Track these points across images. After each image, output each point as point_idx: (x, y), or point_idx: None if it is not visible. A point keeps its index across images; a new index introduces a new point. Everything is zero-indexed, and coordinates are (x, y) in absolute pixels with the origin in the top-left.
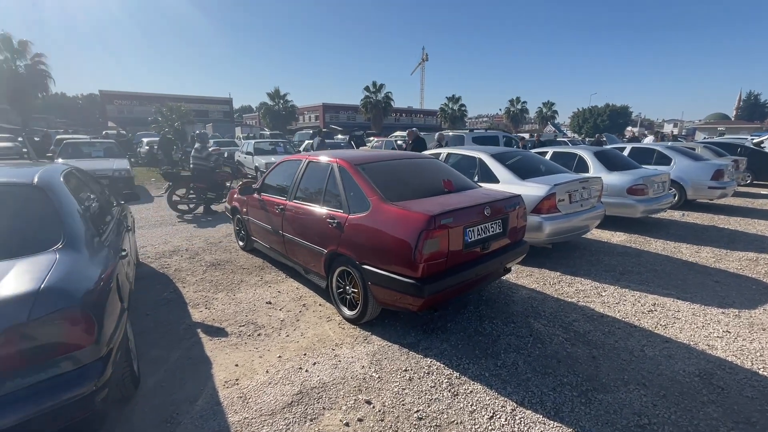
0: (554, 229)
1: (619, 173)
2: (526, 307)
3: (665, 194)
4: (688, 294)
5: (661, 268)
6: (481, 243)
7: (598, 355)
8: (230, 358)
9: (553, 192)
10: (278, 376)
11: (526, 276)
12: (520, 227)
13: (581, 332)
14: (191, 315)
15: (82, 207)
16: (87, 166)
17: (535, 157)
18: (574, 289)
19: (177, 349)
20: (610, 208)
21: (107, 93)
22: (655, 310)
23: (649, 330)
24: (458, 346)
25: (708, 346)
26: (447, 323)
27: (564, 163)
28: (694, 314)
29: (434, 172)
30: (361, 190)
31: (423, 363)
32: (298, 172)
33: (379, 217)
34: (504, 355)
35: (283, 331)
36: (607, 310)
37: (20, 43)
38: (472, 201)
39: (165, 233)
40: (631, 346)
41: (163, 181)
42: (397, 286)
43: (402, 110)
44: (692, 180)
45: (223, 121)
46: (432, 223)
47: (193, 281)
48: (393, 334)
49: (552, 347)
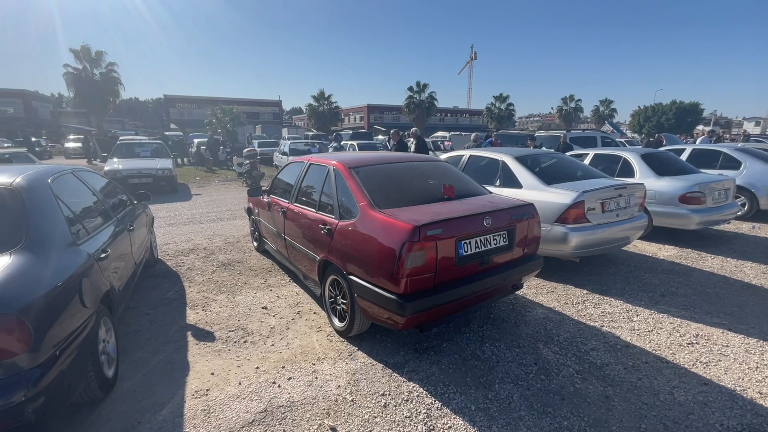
0: (582, 241)
1: (671, 179)
2: (537, 329)
3: (729, 203)
4: (743, 325)
5: (714, 290)
6: (479, 257)
7: (613, 395)
8: (209, 365)
9: (581, 200)
10: (249, 389)
11: (546, 293)
12: (531, 240)
13: (598, 364)
14: (187, 316)
15: (67, 209)
16: (134, 165)
17: (568, 161)
18: (600, 312)
19: (162, 352)
20: (659, 218)
21: (170, 97)
22: (697, 342)
23: (684, 368)
24: (449, 370)
25: (760, 394)
26: (443, 343)
27: (606, 167)
28: (747, 351)
29: (438, 177)
30: (351, 195)
31: (404, 388)
32: (300, 175)
33: (365, 224)
34: (499, 385)
35: (269, 340)
36: (636, 339)
37: (96, 53)
38: (470, 210)
39: (190, 231)
40: (658, 387)
41: (205, 180)
42: (380, 301)
43: (447, 110)
44: (766, 187)
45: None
46: (416, 234)
47: (199, 281)
48: (381, 352)
49: (558, 381)
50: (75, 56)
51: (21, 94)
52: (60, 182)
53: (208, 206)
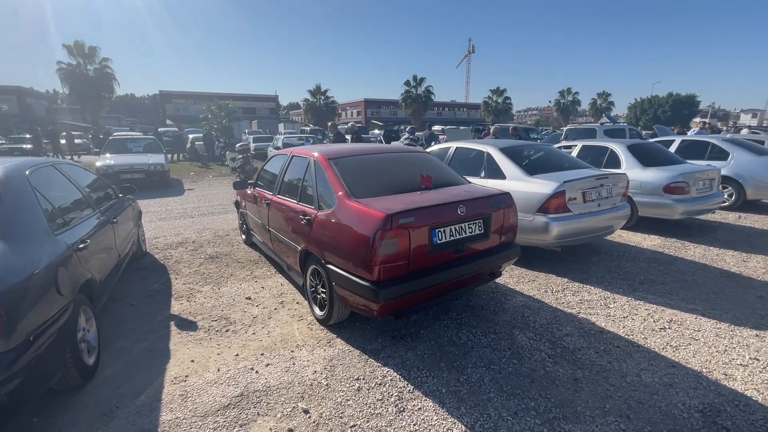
0: (563, 230)
1: (656, 169)
2: (515, 316)
3: (714, 193)
4: (717, 310)
5: (692, 278)
6: (454, 245)
7: (582, 378)
8: (190, 353)
9: (561, 189)
10: (227, 375)
11: (528, 281)
12: (507, 228)
13: (570, 349)
14: (171, 307)
15: (45, 201)
16: (126, 161)
17: (554, 152)
18: (578, 299)
19: (144, 341)
20: (644, 208)
21: (166, 93)
22: (670, 327)
23: (654, 351)
24: (424, 356)
25: (725, 375)
26: (420, 330)
27: (594, 158)
28: (717, 335)
29: (417, 167)
30: (329, 186)
31: (378, 372)
32: (283, 167)
33: (341, 214)
34: (471, 369)
35: (251, 329)
36: (610, 324)
37: (90, 49)
38: (444, 199)
39: (181, 225)
40: (626, 370)
41: (199, 175)
42: (356, 289)
43: (444, 104)
44: (753, 177)
45: (269, 117)
46: (388, 222)
47: (186, 273)
48: (359, 339)
49: (529, 364)
50: (68, 52)
51: (15, 91)
52: (39, 174)
53: (199, 201)
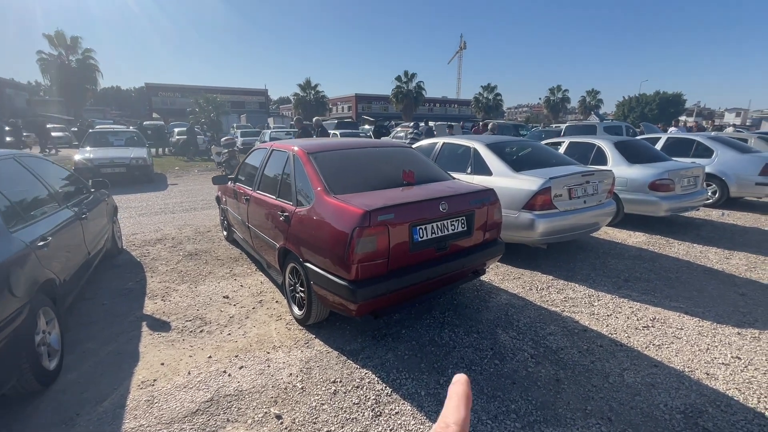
0: (548, 227)
1: (642, 166)
2: (499, 315)
3: (698, 191)
4: (700, 308)
5: (676, 275)
6: (435, 242)
7: (564, 378)
8: (160, 355)
9: (547, 186)
10: (197, 379)
11: (512, 279)
12: (491, 225)
13: (553, 348)
14: (144, 307)
15: (1, 196)
16: (107, 154)
17: (541, 148)
18: (563, 297)
19: (113, 342)
20: (629, 205)
21: (152, 85)
22: (653, 326)
23: (637, 350)
24: (404, 357)
25: (707, 374)
26: (402, 329)
27: (581, 155)
28: (700, 333)
29: (400, 163)
30: (308, 181)
31: (356, 375)
32: (263, 162)
33: (320, 210)
34: (452, 370)
35: (227, 329)
36: (594, 323)
37: (72, 39)
38: (426, 195)
39: (161, 221)
40: (609, 370)
41: (184, 170)
42: (334, 288)
43: (435, 100)
44: (737, 175)
45: (258, 111)
46: (366, 219)
47: (163, 271)
48: (338, 339)
49: (511, 365)
50: (49, 42)
51: None
52: None
53: (182, 196)
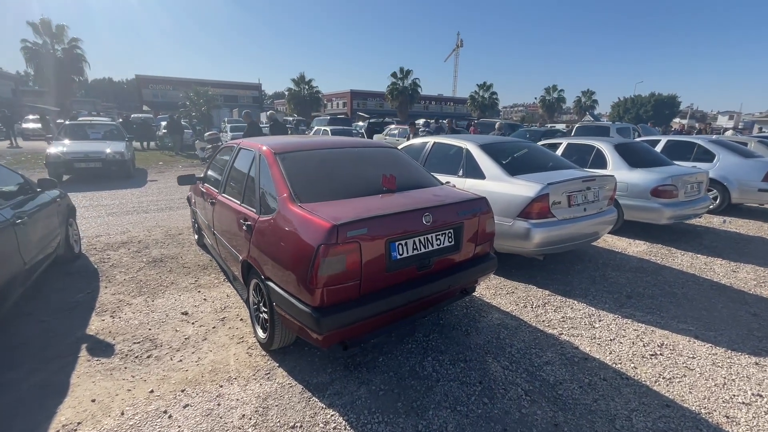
0: (545, 238)
1: (644, 171)
2: (489, 339)
3: (701, 197)
4: (711, 332)
5: (682, 291)
6: (417, 260)
7: (563, 423)
8: (93, 389)
9: (545, 192)
10: (130, 423)
11: (506, 294)
12: (483, 238)
13: (551, 382)
14: (89, 325)
15: None
16: (81, 148)
17: (539, 150)
18: (561, 316)
19: (41, 371)
20: (630, 212)
21: (143, 77)
22: (662, 353)
23: (646, 385)
24: (379, 392)
25: (726, 418)
26: (379, 357)
27: (579, 158)
28: (714, 363)
29: (381, 166)
30: (273, 185)
31: (320, 417)
32: (230, 161)
33: (283, 221)
34: (434, 412)
35: (179, 354)
36: (596, 350)
37: (58, 28)
38: (408, 205)
39: (130, 221)
40: (615, 411)
41: (168, 165)
42: (296, 314)
43: (431, 98)
44: (739, 180)
45: (252, 106)
46: (333, 235)
47: (120, 280)
48: (305, 369)
49: (503, 404)
50: (33, 30)
51: None
52: None
53: (160, 194)
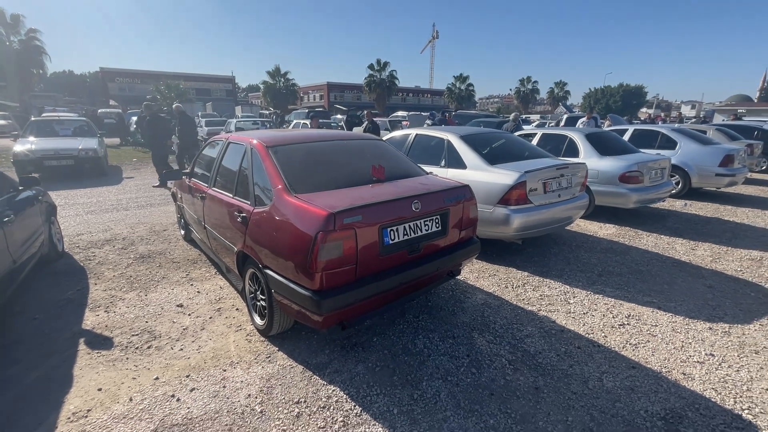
0: (523, 222)
1: (612, 158)
2: (475, 317)
3: (664, 182)
4: (672, 303)
5: (647, 268)
6: (408, 245)
7: (543, 386)
8: (98, 379)
9: (522, 180)
10: (140, 407)
11: (488, 276)
12: (467, 223)
13: (531, 353)
14: (84, 320)
15: None
16: (51, 145)
17: (516, 140)
18: (539, 295)
19: (42, 366)
20: (600, 197)
21: (108, 70)
22: (629, 323)
23: (615, 351)
24: (375, 368)
25: (683, 374)
26: (373, 337)
27: (553, 147)
28: (674, 330)
29: (369, 157)
30: (267, 178)
31: (323, 392)
32: (219, 156)
33: (279, 211)
34: (427, 383)
35: (179, 344)
36: (571, 322)
37: (13, 17)
38: (397, 193)
39: (112, 219)
40: (588, 374)
41: (142, 162)
42: (296, 298)
43: (408, 90)
44: (698, 166)
45: (226, 99)
46: (331, 222)
47: (109, 277)
48: (304, 351)
49: (489, 373)
50: None
51: None
52: None
53: (138, 191)
